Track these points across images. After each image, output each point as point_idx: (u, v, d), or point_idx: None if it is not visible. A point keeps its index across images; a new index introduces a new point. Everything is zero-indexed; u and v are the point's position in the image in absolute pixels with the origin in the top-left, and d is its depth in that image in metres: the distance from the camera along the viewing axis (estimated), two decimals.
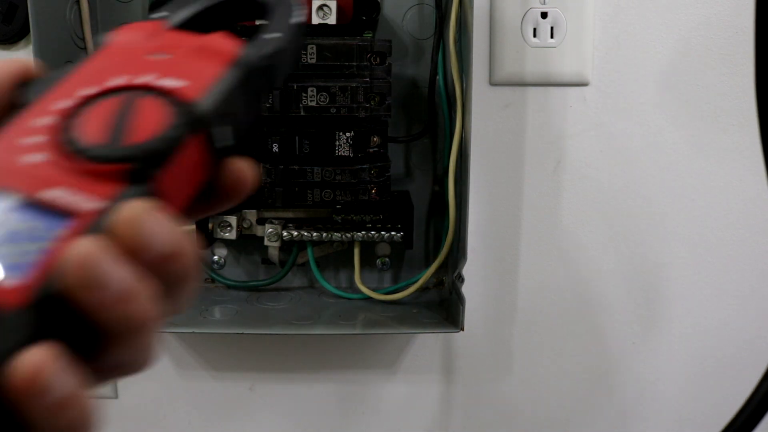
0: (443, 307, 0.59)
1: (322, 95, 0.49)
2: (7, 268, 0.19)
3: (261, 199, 0.53)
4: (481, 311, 0.62)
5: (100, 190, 0.21)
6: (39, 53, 0.48)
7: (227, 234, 0.56)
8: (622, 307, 0.62)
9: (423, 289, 0.59)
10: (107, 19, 0.56)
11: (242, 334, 0.52)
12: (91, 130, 0.22)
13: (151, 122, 0.23)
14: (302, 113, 0.49)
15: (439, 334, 0.62)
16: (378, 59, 0.49)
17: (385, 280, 0.61)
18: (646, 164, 0.59)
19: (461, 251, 0.54)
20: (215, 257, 0.60)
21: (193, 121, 0.23)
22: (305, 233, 0.55)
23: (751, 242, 0.60)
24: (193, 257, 0.21)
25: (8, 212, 0.20)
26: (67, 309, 0.19)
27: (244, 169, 0.23)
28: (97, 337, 0.20)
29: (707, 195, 0.59)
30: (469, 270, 0.57)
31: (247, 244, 0.60)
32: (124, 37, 0.27)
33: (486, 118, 0.59)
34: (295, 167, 0.52)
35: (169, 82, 0.24)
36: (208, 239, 0.56)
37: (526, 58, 0.57)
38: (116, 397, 0.67)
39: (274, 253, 0.57)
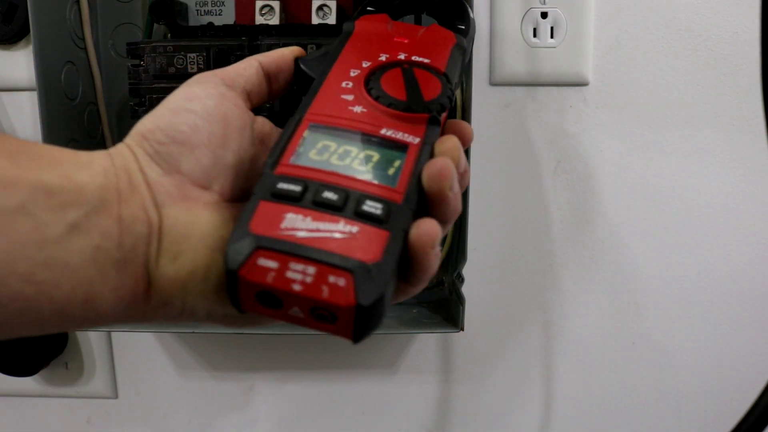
0: (443, 307, 0.59)
1: None
2: (387, 180, 0.28)
3: None
4: (481, 311, 0.62)
5: (413, 130, 0.30)
6: (39, 53, 0.48)
7: None
8: (621, 306, 0.62)
9: (423, 288, 0.59)
10: (107, 19, 0.56)
11: (242, 334, 0.52)
12: (394, 90, 0.32)
13: (430, 85, 0.32)
14: None
15: (439, 334, 0.62)
16: None
17: None
18: (647, 164, 0.59)
19: (461, 251, 0.54)
20: None
21: (450, 86, 0.33)
22: None
23: (754, 243, 0.60)
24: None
25: (366, 143, 0.29)
26: (425, 200, 0.28)
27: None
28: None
29: (708, 195, 0.59)
30: (469, 270, 0.57)
31: None
32: (366, 26, 0.37)
33: (486, 118, 0.59)
34: None
35: (422, 59, 0.34)
36: None
37: (526, 58, 0.57)
38: (116, 397, 0.67)
39: None
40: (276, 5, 0.51)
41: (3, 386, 0.66)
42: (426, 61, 0.34)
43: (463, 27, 0.40)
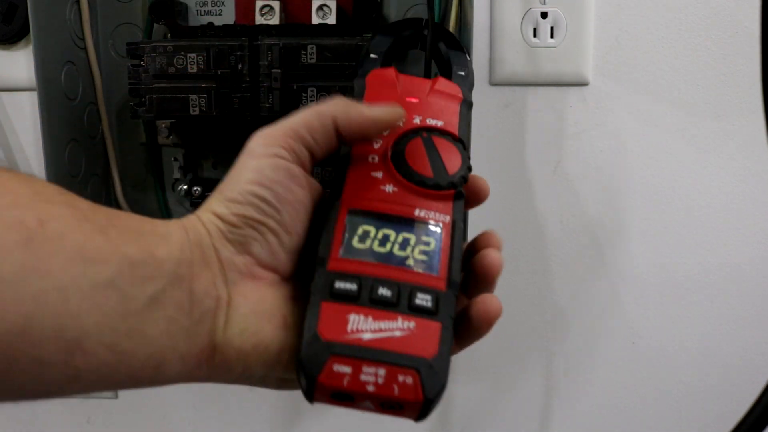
0: None
1: (322, 95, 0.49)
2: (429, 267, 0.31)
3: None
4: None
5: (442, 207, 0.33)
6: (39, 53, 0.48)
7: None
8: (621, 306, 0.62)
9: None
10: (107, 19, 0.56)
11: None
12: (419, 165, 0.34)
13: (450, 156, 0.34)
14: None
15: None
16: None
17: None
18: (647, 164, 0.59)
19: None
20: None
21: (467, 153, 0.36)
22: None
23: (754, 242, 0.60)
24: None
25: (402, 226, 0.32)
26: (468, 282, 0.32)
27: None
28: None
29: (708, 195, 0.59)
30: None
31: None
32: (377, 86, 0.38)
33: (486, 118, 0.59)
34: None
35: (435, 122, 0.36)
36: None
37: (526, 58, 0.57)
38: (116, 397, 0.67)
39: None
40: (276, 5, 0.51)
41: None
42: (440, 123, 0.36)
43: (462, 73, 0.42)
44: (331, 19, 0.51)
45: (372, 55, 0.43)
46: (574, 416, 0.64)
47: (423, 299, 0.30)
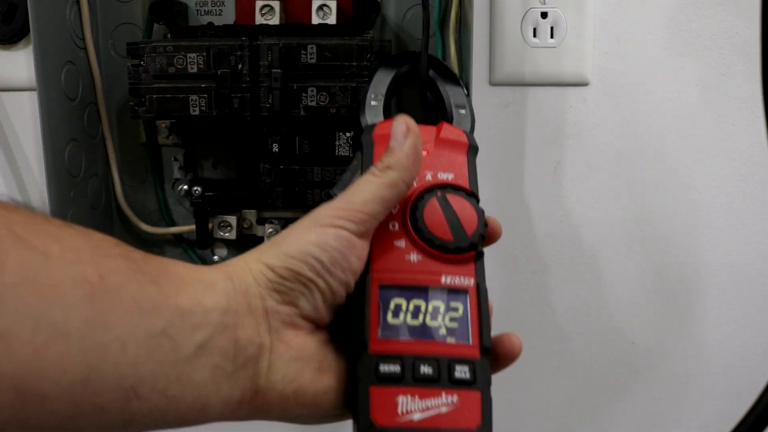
0: None
1: (322, 95, 0.49)
2: (461, 336, 0.34)
3: (261, 199, 0.53)
4: None
5: (466, 270, 0.35)
6: (39, 53, 0.48)
7: (227, 234, 0.56)
8: (621, 307, 0.62)
9: None
10: (107, 19, 0.56)
11: None
12: (439, 229, 0.35)
13: (467, 215, 0.36)
14: (302, 113, 0.49)
15: None
16: (378, 59, 0.49)
17: None
18: (646, 164, 0.59)
19: None
20: (215, 257, 0.60)
21: (481, 210, 0.37)
22: None
23: (754, 242, 0.60)
24: None
25: (431, 296, 0.34)
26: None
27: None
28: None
29: (708, 195, 0.59)
30: None
31: (247, 244, 0.60)
32: (385, 141, 0.37)
33: (486, 118, 0.59)
34: (295, 167, 0.52)
35: (447, 176, 0.38)
36: (208, 239, 0.56)
37: (526, 58, 0.57)
38: None
39: None
40: (276, 5, 0.51)
41: None
42: (451, 177, 0.38)
43: (463, 111, 0.44)
44: (331, 19, 0.51)
45: (372, 102, 0.44)
46: (574, 416, 0.64)
47: (461, 371, 0.33)
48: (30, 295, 0.24)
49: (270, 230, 0.56)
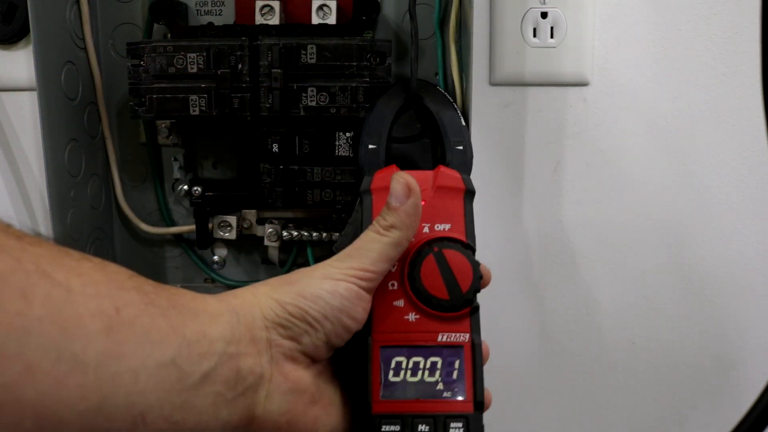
0: None
1: (322, 95, 0.49)
2: (457, 391, 0.37)
3: (261, 199, 0.53)
4: (481, 311, 0.62)
5: (461, 326, 0.38)
6: (39, 53, 0.48)
7: (227, 234, 0.56)
8: (621, 307, 0.62)
9: None
10: (107, 19, 0.56)
11: None
12: (435, 288, 0.37)
13: (463, 270, 0.38)
14: (302, 113, 0.49)
15: None
16: (378, 59, 0.49)
17: None
18: (646, 164, 0.59)
19: None
20: (215, 257, 0.60)
21: (477, 262, 0.39)
22: (305, 233, 0.55)
23: (754, 242, 0.60)
24: None
25: (428, 353, 0.37)
26: None
27: None
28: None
29: (708, 195, 0.59)
30: None
31: (247, 244, 0.60)
32: (383, 190, 0.39)
33: (486, 118, 0.59)
34: (295, 167, 0.52)
35: (444, 227, 0.39)
36: (208, 239, 0.56)
37: (526, 58, 0.57)
38: None
39: (274, 253, 0.57)
40: (276, 5, 0.51)
41: None
42: (447, 227, 0.39)
43: (460, 148, 0.45)
44: (331, 19, 0.51)
45: (370, 146, 0.45)
46: (574, 416, 0.64)
47: (455, 428, 0.36)
48: (54, 328, 0.26)
49: (270, 230, 0.56)
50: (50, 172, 0.49)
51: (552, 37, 0.57)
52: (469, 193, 0.41)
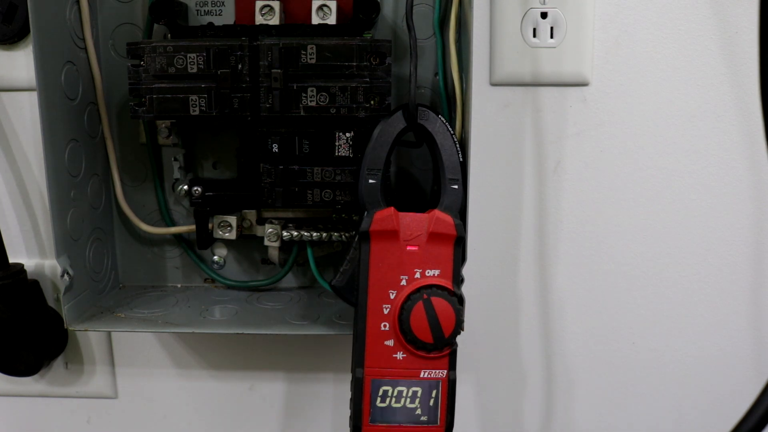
0: None
1: (322, 95, 0.49)
2: (432, 418, 0.47)
3: (261, 199, 0.53)
4: (482, 311, 0.62)
5: (441, 364, 0.46)
6: (39, 53, 0.48)
7: (227, 234, 0.56)
8: (623, 307, 0.62)
9: None
10: (107, 19, 0.56)
11: (242, 334, 0.52)
12: (422, 332, 0.45)
13: (447, 317, 0.45)
14: (302, 113, 0.49)
15: None
16: (378, 59, 0.49)
17: None
18: (647, 164, 0.59)
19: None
20: (215, 257, 0.60)
21: (461, 308, 0.45)
22: (305, 233, 0.55)
23: (754, 242, 0.60)
24: None
25: (411, 384, 0.46)
26: None
27: None
28: None
29: (708, 195, 0.59)
30: (469, 270, 0.57)
31: (247, 244, 0.60)
32: (381, 232, 0.45)
33: (486, 118, 0.59)
34: (295, 167, 0.52)
35: (434, 272, 0.45)
36: (208, 239, 0.56)
37: (526, 58, 0.57)
38: (116, 397, 0.67)
39: (274, 253, 0.57)
40: (276, 5, 0.51)
41: (3, 386, 0.66)
42: (437, 273, 0.45)
43: (455, 187, 0.47)
44: (331, 19, 0.51)
45: (371, 181, 0.47)
46: (574, 416, 0.64)
47: None
48: None
49: (270, 230, 0.56)
50: (50, 172, 0.49)
51: (552, 37, 0.57)
52: (459, 240, 0.46)
